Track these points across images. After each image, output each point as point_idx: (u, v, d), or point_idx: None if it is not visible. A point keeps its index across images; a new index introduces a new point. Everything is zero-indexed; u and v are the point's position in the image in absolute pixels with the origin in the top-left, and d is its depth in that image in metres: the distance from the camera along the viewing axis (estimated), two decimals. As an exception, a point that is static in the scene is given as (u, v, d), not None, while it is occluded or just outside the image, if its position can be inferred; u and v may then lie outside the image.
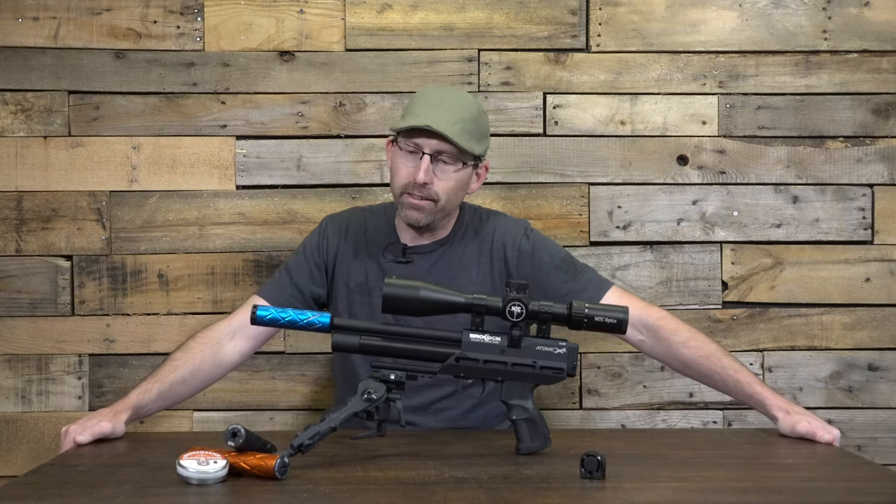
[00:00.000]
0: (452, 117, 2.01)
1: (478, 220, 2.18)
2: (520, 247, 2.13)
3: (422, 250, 2.13)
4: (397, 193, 2.06)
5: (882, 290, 2.56)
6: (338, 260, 2.15)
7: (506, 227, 2.16)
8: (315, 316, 1.72)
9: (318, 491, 1.47)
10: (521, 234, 2.14)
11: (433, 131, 1.98)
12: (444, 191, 2.03)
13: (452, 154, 2.02)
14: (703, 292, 2.56)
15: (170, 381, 1.98)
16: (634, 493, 1.48)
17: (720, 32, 2.56)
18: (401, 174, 2.04)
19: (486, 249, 2.14)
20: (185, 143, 2.52)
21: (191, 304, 2.51)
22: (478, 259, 2.14)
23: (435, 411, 2.09)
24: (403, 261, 2.12)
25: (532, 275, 2.08)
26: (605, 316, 1.70)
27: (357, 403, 1.65)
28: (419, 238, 2.14)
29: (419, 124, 1.98)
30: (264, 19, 2.53)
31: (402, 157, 2.04)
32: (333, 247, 2.16)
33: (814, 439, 1.86)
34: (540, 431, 1.73)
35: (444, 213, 2.08)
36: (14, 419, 2.49)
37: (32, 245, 2.49)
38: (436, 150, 2.01)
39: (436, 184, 2.02)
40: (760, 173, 2.56)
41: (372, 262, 2.13)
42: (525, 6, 2.55)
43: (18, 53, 2.50)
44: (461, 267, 2.12)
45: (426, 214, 2.05)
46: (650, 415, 2.56)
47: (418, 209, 2.04)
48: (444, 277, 2.07)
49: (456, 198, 2.08)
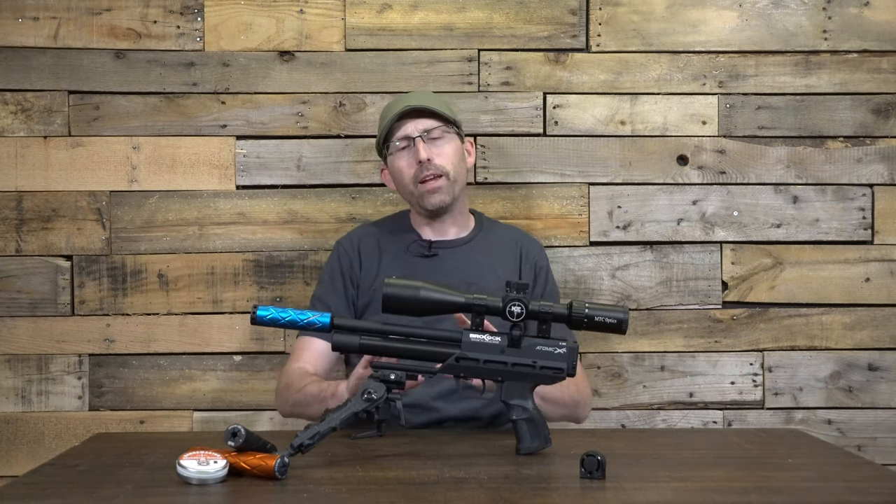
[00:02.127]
0: (420, 98, 2.20)
1: (496, 226, 2.32)
2: (536, 262, 2.25)
3: (446, 245, 2.19)
4: (411, 188, 2.17)
5: (882, 290, 2.56)
6: (363, 272, 2.21)
7: (528, 238, 2.32)
8: (315, 316, 1.72)
9: (318, 491, 1.47)
10: (539, 251, 2.29)
11: (412, 108, 2.14)
12: (447, 161, 2.15)
13: (438, 128, 2.16)
14: (703, 292, 2.56)
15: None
16: (634, 493, 1.48)
17: (720, 32, 2.56)
18: (405, 171, 2.16)
19: (510, 250, 2.25)
20: (185, 143, 2.52)
21: (191, 304, 2.51)
22: (503, 258, 2.23)
23: (458, 399, 2.09)
24: (429, 255, 2.16)
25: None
26: (605, 316, 1.71)
27: (357, 403, 1.65)
28: (441, 234, 2.22)
29: (398, 111, 2.15)
30: (264, 19, 2.52)
31: (400, 158, 2.16)
32: (356, 261, 2.22)
33: None
34: (540, 431, 1.73)
35: (459, 186, 2.18)
36: (14, 419, 2.49)
37: (32, 245, 2.49)
38: (422, 129, 2.15)
39: (437, 158, 2.14)
40: (760, 173, 2.56)
41: (396, 263, 2.17)
42: (525, 6, 2.55)
43: (18, 53, 2.50)
44: (487, 264, 2.18)
45: (445, 193, 2.15)
46: (650, 415, 2.56)
47: (436, 190, 2.15)
48: (469, 273, 2.13)
49: (461, 168, 2.19)
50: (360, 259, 2.22)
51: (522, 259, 2.25)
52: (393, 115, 2.16)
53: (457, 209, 2.21)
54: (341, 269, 2.22)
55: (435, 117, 2.17)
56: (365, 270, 2.21)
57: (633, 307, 2.54)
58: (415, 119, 2.16)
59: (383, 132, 2.19)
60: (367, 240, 2.24)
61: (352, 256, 2.23)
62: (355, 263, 2.22)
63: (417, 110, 2.16)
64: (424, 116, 2.16)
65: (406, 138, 2.15)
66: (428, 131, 2.15)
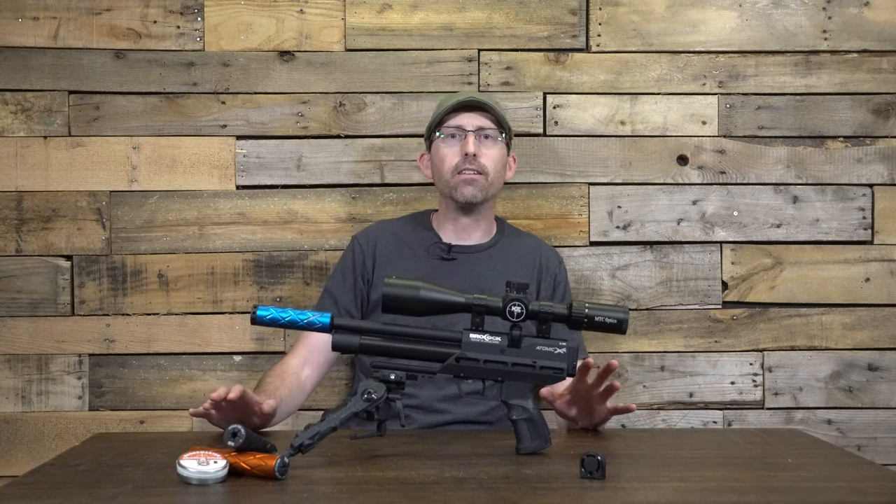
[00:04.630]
0: (483, 97, 2.23)
1: (517, 235, 2.34)
2: (556, 274, 2.28)
3: (465, 251, 2.20)
4: (448, 177, 2.19)
5: (882, 290, 2.56)
6: (376, 270, 2.22)
7: (548, 249, 2.34)
8: (315, 316, 1.72)
9: (318, 491, 1.47)
10: (559, 263, 2.31)
11: (475, 102, 2.18)
12: (491, 163, 2.18)
13: (492, 129, 2.20)
14: (703, 292, 2.56)
15: (278, 395, 1.99)
16: (634, 493, 1.48)
17: (720, 32, 2.56)
18: (448, 159, 2.19)
19: (529, 261, 2.26)
20: (185, 143, 2.52)
21: (191, 304, 2.51)
22: (521, 267, 2.24)
23: (466, 402, 2.09)
24: (448, 258, 2.17)
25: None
26: (606, 316, 1.71)
27: (357, 403, 1.65)
28: (462, 237, 2.24)
29: (461, 100, 2.19)
30: (264, 19, 2.53)
31: (446, 145, 2.20)
32: (370, 258, 2.24)
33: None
34: (540, 431, 1.73)
35: (493, 190, 2.21)
36: (14, 419, 2.49)
37: (32, 245, 2.49)
38: (477, 126, 2.17)
39: (482, 157, 2.17)
40: (760, 173, 2.57)
41: (413, 263, 2.18)
42: (525, 6, 2.55)
43: (18, 53, 2.50)
44: (505, 272, 2.18)
45: (479, 189, 2.18)
46: (650, 415, 2.56)
47: (472, 183, 2.17)
48: (486, 280, 2.14)
49: (500, 176, 2.22)
50: (374, 257, 2.23)
51: (543, 270, 2.26)
52: (453, 103, 2.19)
53: (484, 211, 2.24)
54: (354, 265, 2.24)
55: (492, 119, 2.20)
56: (380, 268, 2.21)
57: (633, 307, 2.55)
58: (473, 113, 2.19)
59: (437, 117, 2.22)
60: (385, 237, 2.26)
61: (366, 253, 2.24)
62: (368, 261, 2.23)
63: (479, 105, 2.20)
64: (483, 113, 2.19)
65: (459, 128, 2.19)
66: (482, 129, 2.18)
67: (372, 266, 2.22)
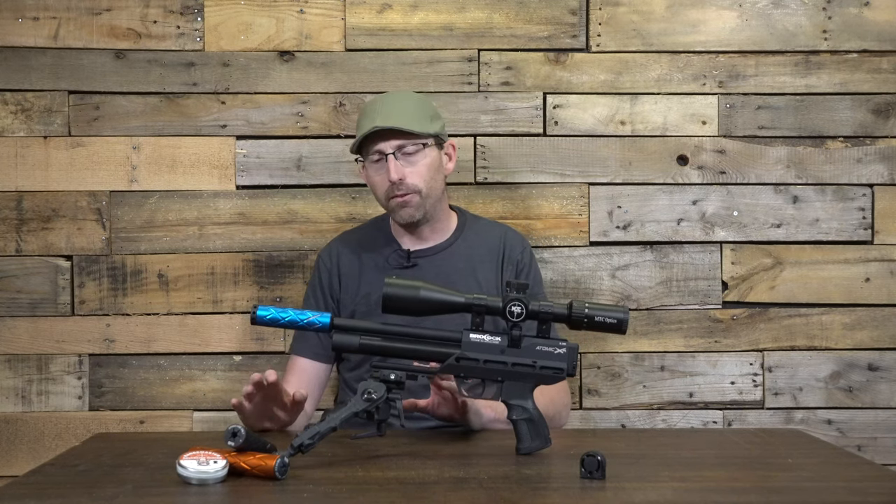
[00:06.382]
0: (394, 111, 2.11)
1: (479, 225, 2.27)
2: (518, 260, 2.23)
3: (425, 254, 2.18)
4: (384, 203, 2.15)
5: (882, 290, 2.56)
6: (342, 285, 2.22)
7: (513, 236, 2.26)
8: (315, 316, 1.72)
9: (318, 491, 1.47)
10: (523, 250, 2.25)
11: (381, 129, 2.07)
12: (420, 179, 2.11)
13: (412, 144, 2.10)
14: (703, 292, 2.56)
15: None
16: (634, 493, 1.48)
17: (720, 32, 2.56)
18: (379, 185, 2.13)
19: (491, 251, 2.21)
20: (185, 143, 2.52)
21: (191, 304, 2.51)
22: (483, 260, 2.19)
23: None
24: (408, 265, 2.16)
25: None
26: (605, 316, 1.71)
27: (357, 403, 1.65)
28: (420, 241, 2.20)
29: (367, 131, 2.08)
30: (264, 19, 2.52)
31: (374, 171, 2.13)
32: (336, 276, 2.22)
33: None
34: (540, 431, 1.73)
35: (432, 201, 2.15)
36: (14, 419, 2.49)
37: (32, 245, 2.49)
38: (395, 146, 2.09)
39: (409, 176, 2.10)
40: (760, 173, 2.56)
41: (375, 273, 2.16)
42: (525, 6, 2.55)
43: (18, 53, 2.50)
44: (466, 268, 2.16)
45: (416, 208, 2.12)
46: (650, 415, 2.56)
47: (406, 205, 2.11)
48: (449, 279, 2.09)
49: (435, 182, 2.14)
50: (339, 274, 2.22)
51: (505, 259, 2.21)
52: (365, 132, 2.09)
53: (433, 219, 2.18)
54: (321, 285, 2.23)
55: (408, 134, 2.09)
56: (345, 285, 2.21)
57: (633, 307, 2.55)
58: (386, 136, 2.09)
59: (356, 143, 2.12)
60: (346, 253, 2.23)
61: (331, 272, 2.23)
62: (334, 279, 2.22)
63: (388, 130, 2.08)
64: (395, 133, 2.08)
65: (380, 152, 2.10)
66: (401, 147, 2.09)
67: (339, 284, 2.21)
